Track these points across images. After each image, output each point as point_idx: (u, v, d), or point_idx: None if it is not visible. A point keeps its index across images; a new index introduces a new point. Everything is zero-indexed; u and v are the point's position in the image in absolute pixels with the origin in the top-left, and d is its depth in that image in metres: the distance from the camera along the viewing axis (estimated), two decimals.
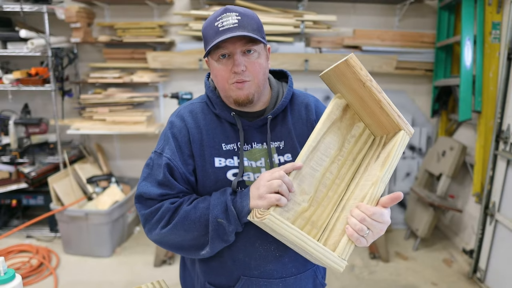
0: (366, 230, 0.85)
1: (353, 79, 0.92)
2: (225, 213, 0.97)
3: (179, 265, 1.29)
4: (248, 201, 0.95)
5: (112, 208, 3.00)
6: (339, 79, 0.96)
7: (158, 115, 3.67)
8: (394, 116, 0.94)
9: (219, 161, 1.05)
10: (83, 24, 3.21)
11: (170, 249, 1.05)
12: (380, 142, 1.01)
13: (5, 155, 3.29)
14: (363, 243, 0.87)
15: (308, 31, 3.27)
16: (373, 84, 0.91)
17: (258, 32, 0.99)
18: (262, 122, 1.07)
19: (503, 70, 2.54)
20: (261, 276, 1.06)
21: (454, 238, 3.32)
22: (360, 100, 0.97)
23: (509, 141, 2.50)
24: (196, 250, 1.03)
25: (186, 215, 0.99)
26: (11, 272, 0.96)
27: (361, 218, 0.86)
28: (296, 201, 0.95)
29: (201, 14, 3.18)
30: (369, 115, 0.99)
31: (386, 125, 0.98)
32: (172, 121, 1.10)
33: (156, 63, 3.32)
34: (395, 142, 0.93)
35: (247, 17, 0.98)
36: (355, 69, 0.89)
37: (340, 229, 0.92)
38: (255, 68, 0.99)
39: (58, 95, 3.36)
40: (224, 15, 0.97)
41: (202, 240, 1.00)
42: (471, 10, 2.83)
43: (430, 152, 3.45)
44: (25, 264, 2.86)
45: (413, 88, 3.63)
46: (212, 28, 0.98)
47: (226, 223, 0.97)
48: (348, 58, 0.88)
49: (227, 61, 0.99)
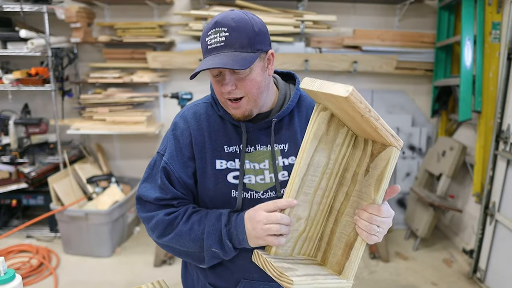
0: (377, 229, 0.89)
1: (348, 108, 0.83)
2: (219, 244, 0.99)
3: (179, 265, 1.30)
4: (245, 235, 0.96)
5: (112, 208, 3.00)
6: (329, 100, 0.87)
7: (158, 115, 3.67)
8: (387, 137, 0.87)
9: (220, 163, 1.04)
10: (83, 24, 3.21)
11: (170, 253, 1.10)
12: (366, 148, 0.95)
13: (5, 155, 3.29)
14: (374, 241, 0.91)
15: (308, 31, 3.27)
16: (371, 114, 0.83)
17: (249, 46, 0.93)
18: (267, 125, 1.06)
19: (503, 70, 2.54)
20: (261, 279, 1.07)
21: (454, 238, 3.32)
22: (349, 117, 0.89)
23: (509, 141, 2.50)
24: (194, 262, 1.05)
25: (181, 235, 1.01)
26: (11, 272, 0.96)
27: (370, 218, 0.89)
28: (293, 228, 0.96)
29: (201, 14, 3.17)
30: (354, 124, 0.92)
31: (373, 135, 0.91)
32: (175, 122, 1.10)
33: (156, 63, 3.32)
34: (388, 161, 0.88)
35: (237, 32, 0.92)
36: (355, 104, 0.80)
37: (339, 247, 0.95)
38: (246, 85, 0.96)
39: (58, 95, 3.36)
40: (213, 30, 0.93)
41: (199, 256, 1.02)
42: (471, 10, 2.83)
43: (430, 152, 3.45)
44: (25, 264, 2.86)
45: (413, 88, 3.63)
46: (203, 42, 0.96)
47: (221, 252, 0.99)
48: (349, 95, 0.77)
49: (219, 78, 0.97)
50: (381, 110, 3.60)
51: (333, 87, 0.83)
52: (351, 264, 0.92)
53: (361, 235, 0.90)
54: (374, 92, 3.58)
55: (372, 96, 3.58)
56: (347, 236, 0.95)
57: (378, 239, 0.91)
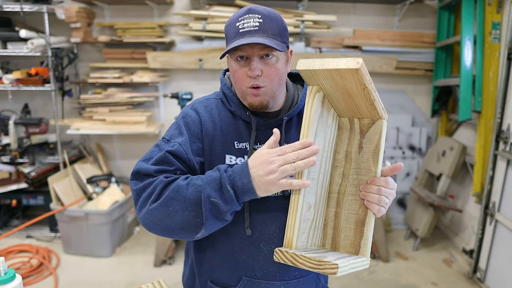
0: (386, 200, 0.92)
1: (352, 82, 0.85)
2: (219, 192, 0.90)
3: (179, 265, 1.29)
4: (250, 179, 0.88)
5: (112, 208, 3.00)
6: (330, 77, 0.87)
7: (158, 115, 3.67)
8: (379, 110, 0.91)
9: (230, 158, 1.04)
10: (83, 24, 3.21)
11: (162, 233, 0.95)
12: (353, 126, 0.97)
13: (5, 155, 3.29)
14: (382, 212, 0.93)
15: (308, 31, 3.27)
16: (372, 86, 0.86)
17: (279, 36, 0.97)
18: (277, 124, 1.06)
19: (503, 70, 2.54)
20: (263, 278, 1.06)
21: (454, 238, 3.32)
22: (345, 94, 0.90)
23: (509, 141, 2.50)
24: (190, 233, 0.94)
25: (178, 189, 0.92)
26: (11, 272, 0.96)
27: (379, 190, 0.91)
28: (306, 218, 0.93)
29: (201, 14, 3.17)
30: (346, 103, 0.93)
31: (364, 112, 0.93)
32: (186, 111, 1.09)
33: (156, 63, 3.32)
34: (380, 133, 0.92)
35: (270, 20, 0.96)
36: (363, 76, 0.82)
37: (349, 227, 0.94)
38: (271, 73, 0.98)
39: (58, 95, 3.36)
40: (246, 16, 0.96)
41: (195, 223, 0.91)
42: (471, 10, 2.83)
43: (430, 152, 3.45)
44: (25, 264, 2.86)
45: (413, 88, 3.63)
46: (233, 27, 0.97)
47: (221, 202, 0.89)
48: (360, 67, 0.80)
49: (244, 63, 0.98)
50: None
51: (340, 62, 0.83)
52: (366, 241, 0.91)
53: (372, 209, 0.91)
54: None
55: None
56: (355, 215, 0.94)
57: (385, 211, 0.93)
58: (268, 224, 1.03)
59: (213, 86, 3.47)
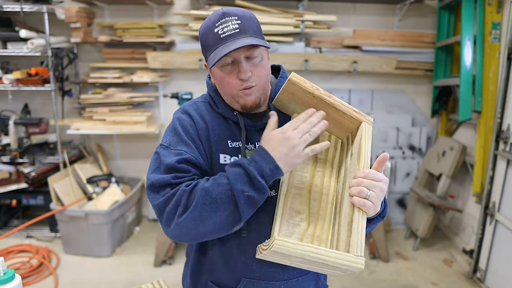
0: (367, 191, 0.88)
1: (302, 94, 0.97)
2: (250, 185, 0.89)
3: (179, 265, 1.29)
4: (275, 163, 0.90)
5: (112, 208, 3.00)
6: (291, 99, 1.00)
7: (158, 115, 3.67)
8: (350, 113, 0.98)
9: (224, 158, 1.04)
10: (83, 24, 3.21)
11: (195, 240, 0.95)
12: (348, 142, 1.05)
13: (5, 155, 3.29)
14: (370, 206, 0.88)
15: (308, 31, 3.27)
16: (320, 91, 0.96)
17: (259, 34, 0.98)
18: (265, 125, 1.05)
19: (503, 70, 2.54)
20: (263, 278, 1.06)
21: (454, 238, 3.32)
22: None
23: (509, 141, 2.50)
24: (226, 230, 0.94)
25: (206, 193, 0.90)
26: (11, 272, 0.96)
27: (358, 182, 0.90)
28: (294, 222, 0.95)
29: (201, 14, 3.18)
30: (329, 121, 1.00)
31: (347, 124, 1.02)
32: (178, 116, 1.08)
33: (156, 63, 3.32)
34: (361, 135, 0.98)
35: (247, 20, 0.96)
36: (300, 85, 0.94)
37: (343, 231, 0.92)
38: (260, 71, 0.99)
39: (58, 95, 3.36)
40: (223, 20, 0.94)
41: (231, 220, 0.91)
42: (471, 10, 2.83)
43: (430, 152, 3.45)
44: (25, 264, 2.86)
45: (413, 88, 3.63)
46: (211, 34, 0.95)
47: (256, 194, 0.90)
48: (290, 77, 0.94)
49: (231, 68, 0.97)
50: (381, 110, 3.61)
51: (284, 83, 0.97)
52: (354, 237, 0.87)
53: (355, 203, 0.89)
54: (374, 92, 3.58)
55: (372, 96, 3.59)
56: (348, 216, 0.92)
57: (372, 205, 0.89)
58: (265, 224, 1.02)
59: None
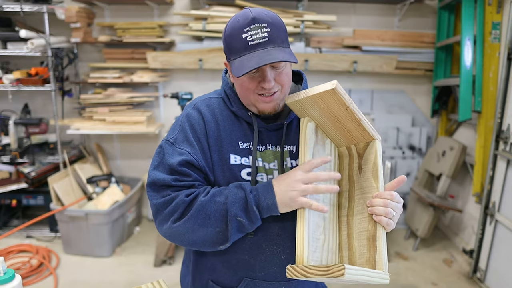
0: (393, 212, 0.93)
1: (334, 104, 0.94)
2: (245, 211, 0.94)
3: (179, 265, 1.29)
4: (274, 200, 0.94)
5: (112, 208, 3.00)
6: (315, 104, 0.96)
7: (158, 115, 3.67)
8: (369, 130, 0.99)
9: (235, 158, 1.03)
10: (83, 24, 3.21)
11: (184, 245, 1.00)
12: (351, 152, 1.05)
13: (5, 155, 3.29)
14: (392, 226, 0.95)
15: (308, 31, 3.27)
16: (354, 106, 0.94)
17: (286, 41, 0.96)
18: (278, 126, 1.06)
19: (503, 70, 2.54)
20: (265, 278, 1.06)
21: (454, 238, 3.32)
22: (333, 119, 0.98)
23: (509, 141, 2.50)
24: (213, 246, 0.99)
25: (202, 207, 0.95)
26: (11, 272, 0.96)
27: (385, 203, 0.93)
28: (316, 237, 0.94)
29: (201, 14, 3.17)
30: (338, 129, 1.01)
31: (356, 136, 1.02)
32: (188, 112, 1.07)
33: (156, 63, 3.32)
34: (375, 153, 0.99)
35: (276, 28, 0.94)
36: (340, 95, 0.91)
37: (363, 245, 0.95)
38: (283, 79, 0.98)
39: (58, 95, 3.36)
40: (253, 26, 0.92)
41: (219, 238, 0.96)
42: (471, 10, 2.83)
43: (430, 152, 3.45)
44: (25, 264, 2.86)
45: (413, 88, 3.63)
46: (239, 39, 0.93)
47: (247, 221, 0.95)
48: (336, 87, 0.89)
49: (254, 74, 0.96)
50: (381, 110, 3.60)
51: (319, 87, 0.93)
52: (380, 254, 0.92)
53: (381, 222, 0.93)
54: (374, 92, 3.58)
55: (372, 96, 3.58)
56: (367, 231, 0.96)
57: (393, 224, 0.95)
58: (271, 225, 1.03)
59: (213, 86, 3.46)
